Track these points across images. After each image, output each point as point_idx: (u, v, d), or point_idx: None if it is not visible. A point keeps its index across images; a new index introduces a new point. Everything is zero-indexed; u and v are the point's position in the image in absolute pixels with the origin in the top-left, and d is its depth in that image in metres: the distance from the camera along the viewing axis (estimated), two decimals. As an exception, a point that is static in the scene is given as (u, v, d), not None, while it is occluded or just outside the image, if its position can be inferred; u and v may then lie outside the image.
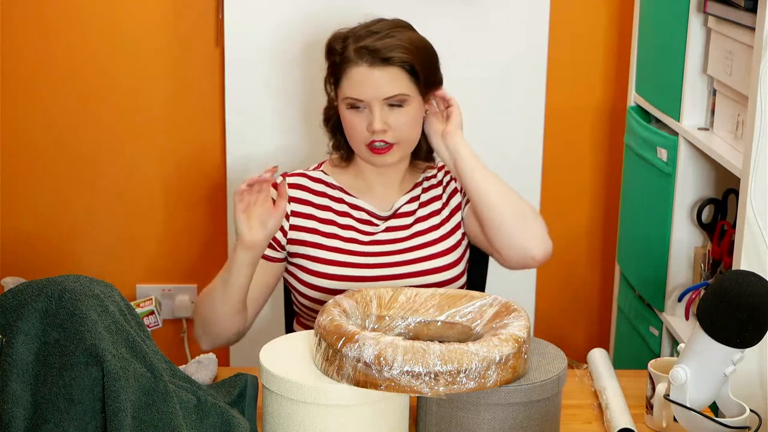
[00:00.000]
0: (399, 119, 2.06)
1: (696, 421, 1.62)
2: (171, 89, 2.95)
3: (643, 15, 2.77)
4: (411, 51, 2.06)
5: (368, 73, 2.04)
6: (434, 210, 2.16)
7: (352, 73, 2.05)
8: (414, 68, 2.06)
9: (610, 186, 3.07)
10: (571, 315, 3.16)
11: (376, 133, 2.05)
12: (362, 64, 2.04)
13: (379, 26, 2.10)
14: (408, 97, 2.06)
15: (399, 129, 2.06)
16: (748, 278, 1.56)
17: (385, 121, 2.05)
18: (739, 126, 2.25)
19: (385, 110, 2.05)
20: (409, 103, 2.06)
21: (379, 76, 2.04)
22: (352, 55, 2.05)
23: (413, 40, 2.09)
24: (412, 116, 2.07)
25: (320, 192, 2.16)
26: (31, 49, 2.90)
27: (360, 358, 1.59)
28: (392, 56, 2.04)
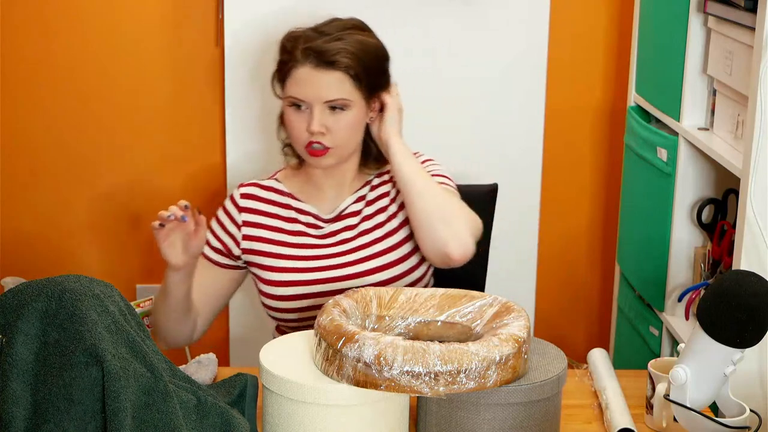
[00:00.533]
0: (338, 123, 2.06)
1: (696, 421, 1.62)
2: (171, 89, 2.95)
3: (643, 15, 2.77)
4: (356, 56, 2.06)
5: (312, 74, 2.05)
6: (381, 207, 2.17)
7: (296, 73, 2.06)
8: (358, 74, 2.06)
9: (610, 186, 3.07)
10: (571, 315, 3.17)
11: (314, 134, 2.05)
12: (307, 65, 2.06)
13: (330, 27, 2.10)
14: (350, 102, 2.06)
15: (337, 133, 2.07)
16: (748, 278, 1.56)
17: (324, 124, 2.06)
18: (739, 126, 2.25)
19: (326, 113, 2.06)
20: (351, 108, 2.07)
21: (323, 78, 2.05)
22: (299, 55, 2.06)
23: (362, 44, 2.08)
24: (352, 121, 2.08)
25: (269, 200, 2.19)
26: (31, 49, 2.90)
27: (360, 358, 1.59)
28: (337, 60, 2.05)
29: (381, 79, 2.12)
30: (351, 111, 2.07)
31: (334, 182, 2.17)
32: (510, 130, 2.90)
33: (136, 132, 2.97)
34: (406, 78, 2.83)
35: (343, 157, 2.11)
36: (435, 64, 2.84)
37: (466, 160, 2.88)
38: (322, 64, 2.05)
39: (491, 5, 2.82)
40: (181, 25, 2.91)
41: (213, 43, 2.91)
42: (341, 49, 2.05)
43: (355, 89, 2.06)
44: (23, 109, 2.94)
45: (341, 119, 2.06)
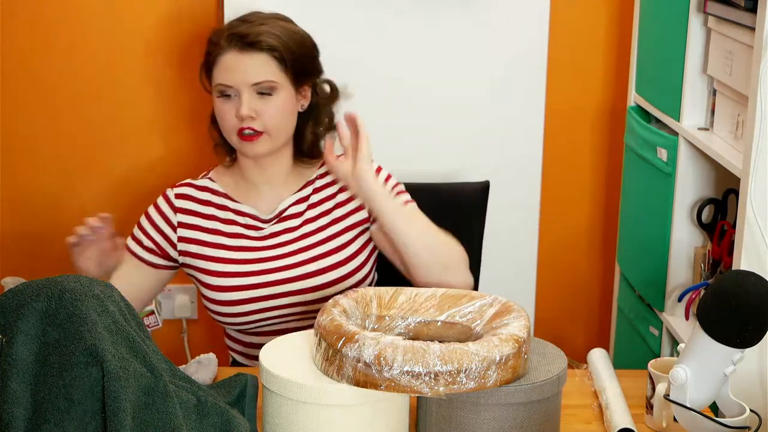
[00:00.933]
0: (267, 107, 2.05)
1: (696, 421, 1.62)
2: (171, 89, 2.94)
3: (643, 15, 2.77)
4: (280, 38, 2.06)
5: (237, 58, 2.06)
6: (324, 210, 2.15)
7: (222, 60, 2.07)
8: (283, 56, 2.06)
9: (610, 186, 3.07)
10: (571, 315, 3.16)
11: (244, 119, 2.05)
12: (232, 51, 2.06)
13: (253, 17, 2.11)
14: (276, 84, 2.05)
15: (267, 117, 2.05)
16: (748, 278, 1.56)
17: (254, 108, 2.05)
18: (739, 126, 2.25)
19: (254, 97, 2.05)
20: (278, 91, 2.06)
21: (248, 61, 2.05)
22: (223, 43, 2.07)
23: (286, 29, 2.09)
24: (281, 105, 2.06)
25: (205, 201, 2.17)
26: (31, 49, 2.90)
27: (360, 358, 1.59)
28: (260, 41, 2.04)
29: (308, 65, 2.12)
30: (279, 94, 2.06)
31: (267, 177, 2.15)
32: (510, 130, 2.90)
33: (136, 132, 2.97)
34: (406, 78, 2.85)
35: (276, 145, 2.09)
36: (435, 64, 2.84)
37: (466, 160, 2.88)
38: (246, 47, 2.05)
39: (491, 5, 2.82)
40: (181, 25, 2.90)
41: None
42: (265, 32, 2.06)
43: (280, 71, 2.06)
44: (23, 109, 2.94)
45: (270, 103, 2.05)
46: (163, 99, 2.95)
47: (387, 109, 2.82)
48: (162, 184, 3.01)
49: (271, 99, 2.06)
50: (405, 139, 2.85)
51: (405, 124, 2.85)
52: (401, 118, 2.85)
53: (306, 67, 2.11)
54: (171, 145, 2.99)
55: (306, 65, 2.11)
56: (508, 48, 2.86)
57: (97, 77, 2.93)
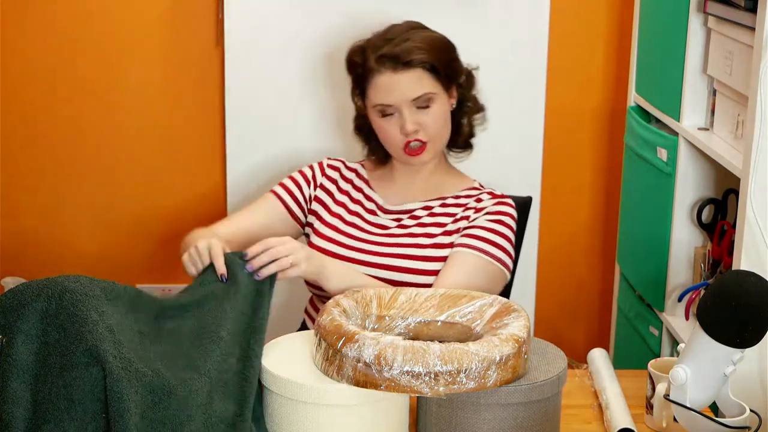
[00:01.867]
0: (428, 118, 2.12)
1: (696, 421, 1.62)
2: (171, 89, 2.95)
3: (643, 15, 2.77)
4: (429, 51, 2.12)
5: (392, 78, 2.11)
6: (440, 222, 2.18)
7: (377, 82, 2.13)
8: (434, 66, 2.12)
9: (610, 186, 3.07)
10: (571, 315, 3.17)
11: (409, 134, 2.12)
12: (385, 72, 2.12)
13: (393, 32, 2.17)
14: (434, 95, 2.12)
15: (430, 127, 2.13)
16: (748, 278, 1.56)
17: (416, 122, 2.12)
18: (739, 126, 2.25)
19: (414, 112, 2.12)
20: (435, 100, 2.13)
21: (404, 79, 2.11)
22: (373, 64, 2.13)
23: (429, 39, 2.15)
24: (440, 113, 2.14)
25: (348, 178, 2.27)
26: (31, 49, 2.90)
27: (360, 358, 1.59)
28: (412, 59, 2.11)
29: (455, 67, 2.19)
30: (436, 103, 2.13)
31: (410, 177, 2.23)
32: (510, 130, 2.90)
33: (136, 132, 2.97)
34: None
35: (438, 150, 2.18)
36: (435, 64, 2.84)
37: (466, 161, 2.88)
38: (400, 67, 2.11)
39: (491, 5, 2.82)
40: (181, 25, 2.91)
41: (213, 43, 2.91)
42: (413, 48, 2.12)
43: (435, 82, 2.13)
44: (23, 109, 2.94)
45: (429, 113, 2.13)
46: (163, 99, 2.95)
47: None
48: (165, 182, 3.01)
49: (430, 110, 2.13)
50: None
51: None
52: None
53: (454, 69, 2.18)
54: (171, 144, 2.99)
55: (454, 68, 2.18)
56: (508, 48, 2.86)
57: (97, 77, 2.93)
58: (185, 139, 2.98)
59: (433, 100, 2.13)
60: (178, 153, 2.99)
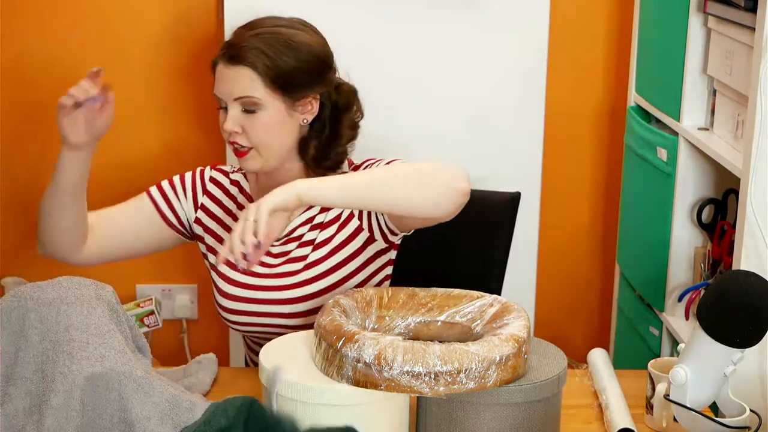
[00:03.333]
0: (253, 124, 1.96)
1: (696, 421, 1.62)
2: (171, 89, 2.95)
3: (643, 15, 2.77)
4: (267, 54, 1.95)
5: (224, 71, 1.98)
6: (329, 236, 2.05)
7: (216, 71, 2.01)
8: (267, 72, 1.95)
9: (610, 186, 3.07)
10: (571, 315, 3.17)
11: (229, 134, 1.98)
12: (222, 61, 1.99)
13: (262, 23, 2.02)
14: (259, 101, 1.95)
15: (253, 134, 1.97)
16: (748, 278, 1.56)
17: (239, 124, 1.97)
18: (739, 126, 2.25)
19: (239, 112, 1.97)
20: (264, 107, 1.96)
21: (231, 74, 1.96)
22: (220, 51, 2.01)
23: (282, 41, 1.97)
24: (267, 122, 1.96)
25: (232, 196, 2.13)
26: (31, 49, 2.90)
27: (360, 358, 1.59)
28: (243, 56, 1.95)
29: (301, 78, 1.98)
30: (265, 111, 1.96)
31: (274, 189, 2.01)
32: (510, 131, 2.90)
33: (135, 132, 2.97)
34: (406, 78, 2.85)
35: (269, 161, 2.00)
36: (434, 64, 2.84)
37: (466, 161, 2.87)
38: (231, 60, 1.96)
39: (491, 5, 2.82)
40: (181, 25, 2.91)
41: (213, 42, 2.91)
42: (252, 46, 1.95)
43: (265, 87, 1.95)
44: (23, 109, 2.94)
45: (255, 119, 1.96)
46: (163, 99, 2.95)
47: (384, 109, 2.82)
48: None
49: (256, 115, 1.96)
50: (403, 140, 2.85)
51: (403, 125, 2.85)
52: (399, 119, 2.84)
53: (299, 82, 1.98)
54: (171, 144, 2.99)
55: (299, 81, 1.98)
56: (508, 48, 2.86)
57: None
58: (185, 139, 2.98)
59: (261, 106, 1.95)
60: (178, 153, 2.99)
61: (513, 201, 2.36)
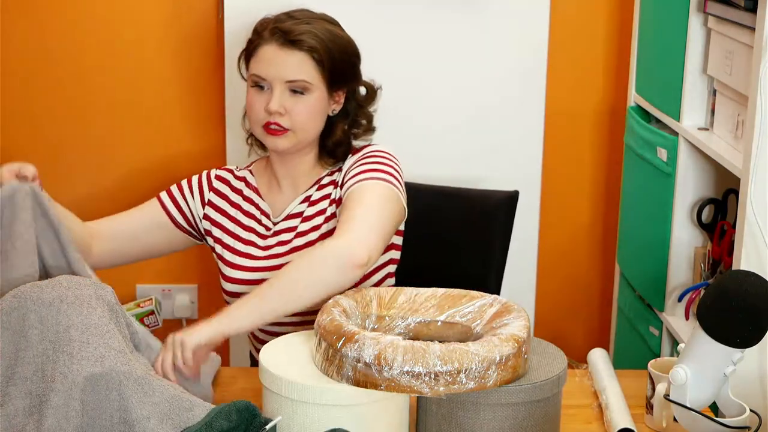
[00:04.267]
0: (297, 106, 2.05)
1: (696, 421, 1.62)
2: (171, 89, 2.95)
3: (643, 15, 2.77)
4: (322, 41, 2.05)
5: (276, 53, 2.05)
6: (321, 209, 2.13)
7: (261, 51, 2.07)
8: (322, 58, 2.05)
9: (610, 186, 3.07)
10: (571, 315, 3.16)
11: (272, 114, 2.05)
12: (273, 44, 2.06)
13: (301, 13, 2.11)
14: (310, 85, 2.05)
15: (296, 116, 2.05)
16: (748, 278, 1.56)
17: (283, 105, 2.04)
18: (739, 126, 2.25)
19: (286, 94, 2.05)
20: (312, 92, 2.05)
21: (286, 57, 2.04)
22: (266, 35, 2.07)
23: (330, 32, 2.09)
24: (312, 106, 2.06)
25: (238, 189, 2.20)
26: (32, 49, 2.90)
27: (360, 358, 1.59)
28: (301, 40, 2.04)
29: (347, 71, 2.11)
30: (311, 95, 2.06)
31: (288, 172, 2.15)
32: (510, 131, 2.90)
33: (136, 133, 2.97)
34: (406, 78, 2.85)
35: (300, 143, 2.09)
36: (434, 64, 2.84)
37: (466, 161, 2.89)
38: (287, 44, 2.04)
39: (491, 5, 2.82)
40: (181, 25, 2.91)
41: (213, 42, 2.91)
42: (308, 31, 2.05)
43: (317, 73, 2.05)
44: (23, 110, 2.94)
45: (300, 102, 2.05)
46: (162, 99, 2.95)
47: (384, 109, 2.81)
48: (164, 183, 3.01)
49: (303, 98, 2.05)
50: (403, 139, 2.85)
51: (403, 125, 2.85)
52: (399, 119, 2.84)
53: (344, 73, 2.10)
54: (171, 144, 2.99)
55: (344, 71, 2.10)
56: (508, 48, 2.86)
57: (97, 77, 2.93)
58: (186, 139, 2.98)
59: (309, 90, 2.05)
60: (178, 154, 2.99)
61: (511, 200, 2.35)
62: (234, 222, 2.18)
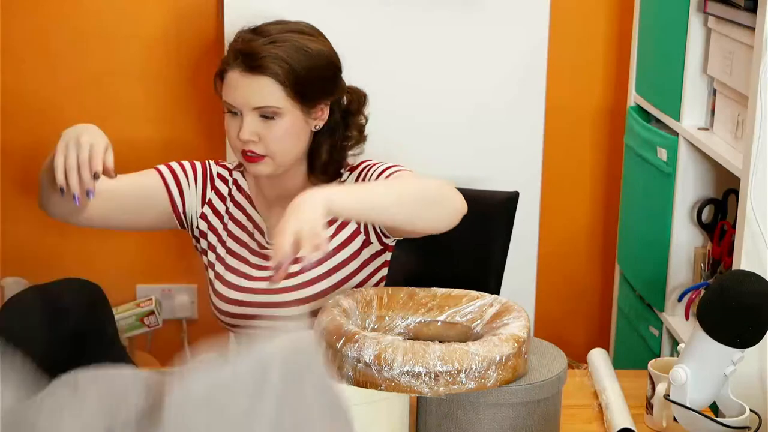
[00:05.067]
0: (270, 131, 1.95)
1: (696, 421, 1.62)
2: (171, 89, 2.95)
3: (643, 15, 2.77)
4: (287, 62, 1.94)
5: (240, 79, 1.95)
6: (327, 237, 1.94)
7: (228, 77, 1.97)
8: (288, 81, 1.94)
9: (610, 186, 3.07)
10: (571, 315, 3.17)
11: (244, 143, 1.95)
12: (236, 69, 1.95)
13: (270, 29, 2.00)
14: (279, 110, 1.95)
15: (270, 141, 1.95)
16: (748, 278, 1.57)
17: (256, 132, 1.95)
18: (739, 126, 2.25)
19: (257, 120, 1.95)
20: (282, 116, 1.95)
21: (250, 83, 1.94)
22: (230, 57, 1.98)
23: (298, 49, 1.97)
24: (285, 130, 1.96)
25: (231, 195, 2.12)
26: (32, 49, 2.90)
27: (360, 358, 1.59)
28: (264, 65, 1.93)
29: (322, 86, 2.00)
30: (283, 119, 1.95)
31: (279, 193, 2.06)
32: (510, 131, 2.90)
33: (136, 133, 2.97)
34: (405, 78, 2.85)
35: (282, 167, 2.00)
36: (434, 65, 2.84)
37: (466, 162, 2.88)
38: (249, 69, 1.94)
39: (491, 5, 2.82)
40: (181, 25, 2.91)
41: (213, 42, 2.91)
42: (270, 54, 1.94)
43: (285, 96, 1.95)
44: (23, 110, 2.94)
45: (273, 127, 1.95)
46: (163, 99, 2.95)
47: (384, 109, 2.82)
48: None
49: (275, 123, 1.95)
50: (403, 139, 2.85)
51: (403, 125, 2.85)
52: (399, 119, 2.84)
53: (317, 89, 1.99)
54: (171, 145, 2.99)
55: (317, 87, 1.99)
56: (508, 48, 2.86)
57: (97, 77, 2.93)
58: (186, 139, 2.98)
59: (280, 114, 1.94)
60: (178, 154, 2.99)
61: (511, 200, 2.36)
62: (230, 236, 2.10)
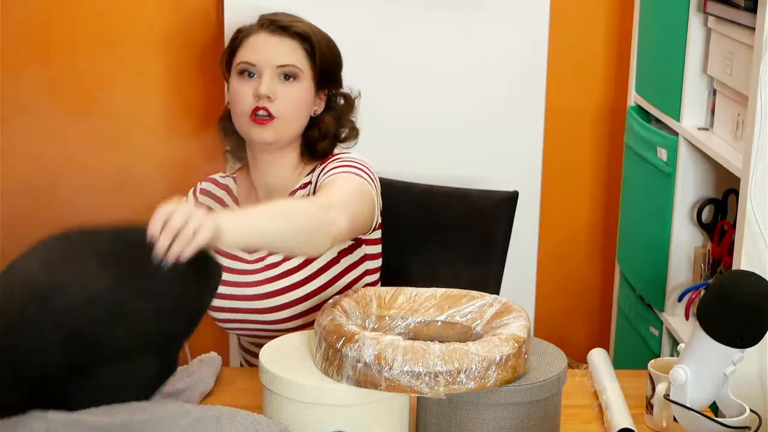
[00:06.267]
0: (287, 92, 2.02)
1: (696, 421, 1.62)
2: (171, 89, 2.95)
3: (643, 15, 2.77)
4: (312, 32, 2.06)
5: (266, 39, 2.05)
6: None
7: (249, 41, 2.06)
8: (313, 48, 2.05)
9: (610, 186, 3.07)
10: (571, 315, 3.17)
11: (261, 99, 2.00)
12: (262, 32, 2.06)
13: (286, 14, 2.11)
14: (300, 72, 2.04)
15: (284, 102, 2.01)
16: (748, 278, 1.57)
17: (273, 90, 2.01)
18: (739, 126, 2.25)
19: (276, 80, 2.02)
20: (301, 80, 2.04)
21: (277, 43, 2.04)
22: (254, 27, 2.07)
23: (318, 31, 2.09)
24: (300, 95, 2.04)
25: (219, 198, 2.17)
26: (32, 50, 2.90)
27: (360, 358, 1.59)
28: (292, 26, 2.04)
29: (333, 70, 2.10)
30: (300, 84, 2.04)
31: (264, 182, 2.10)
32: (510, 131, 2.90)
33: (136, 133, 2.97)
34: (405, 78, 2.85)
35: (282, 136, 2.03)
36: (434, 64, 2.84)
37: (466, 161, 2.89)
38: (278, 30, 2.04)
39: (491, 5, 2.82)
40: (182, 25, 2.91)
41: (213, 42, 2.91)
42: (298, 25, 2.06)
43: (307, 62, 2.05)
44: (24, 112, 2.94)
45: (289, 88, 2.03)
46: (163, 100, 2.95)
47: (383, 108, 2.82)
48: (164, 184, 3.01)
49: (293, 85, 2.03)
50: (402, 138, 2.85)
51: (403, 124, 2.85)
52: (398, 118, 2.85)
53: (331, 70, 2.10)
54: (170, 144, 2.99)
55: (331, 69, 2.10)
56: (508, 48, 2.86)
57: (96, 79, 2.93)
58: (186, 139, 2.98)
59: (299, 77, 2.03)
60: (178, 155, 2.99)
61: (511, 200, 2.36)
62: None
